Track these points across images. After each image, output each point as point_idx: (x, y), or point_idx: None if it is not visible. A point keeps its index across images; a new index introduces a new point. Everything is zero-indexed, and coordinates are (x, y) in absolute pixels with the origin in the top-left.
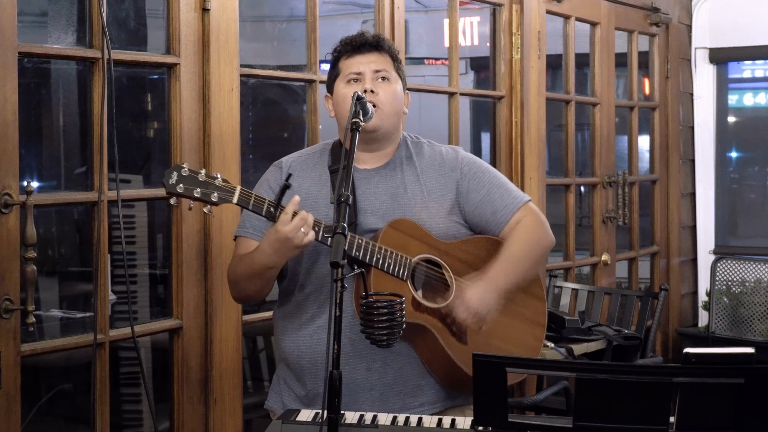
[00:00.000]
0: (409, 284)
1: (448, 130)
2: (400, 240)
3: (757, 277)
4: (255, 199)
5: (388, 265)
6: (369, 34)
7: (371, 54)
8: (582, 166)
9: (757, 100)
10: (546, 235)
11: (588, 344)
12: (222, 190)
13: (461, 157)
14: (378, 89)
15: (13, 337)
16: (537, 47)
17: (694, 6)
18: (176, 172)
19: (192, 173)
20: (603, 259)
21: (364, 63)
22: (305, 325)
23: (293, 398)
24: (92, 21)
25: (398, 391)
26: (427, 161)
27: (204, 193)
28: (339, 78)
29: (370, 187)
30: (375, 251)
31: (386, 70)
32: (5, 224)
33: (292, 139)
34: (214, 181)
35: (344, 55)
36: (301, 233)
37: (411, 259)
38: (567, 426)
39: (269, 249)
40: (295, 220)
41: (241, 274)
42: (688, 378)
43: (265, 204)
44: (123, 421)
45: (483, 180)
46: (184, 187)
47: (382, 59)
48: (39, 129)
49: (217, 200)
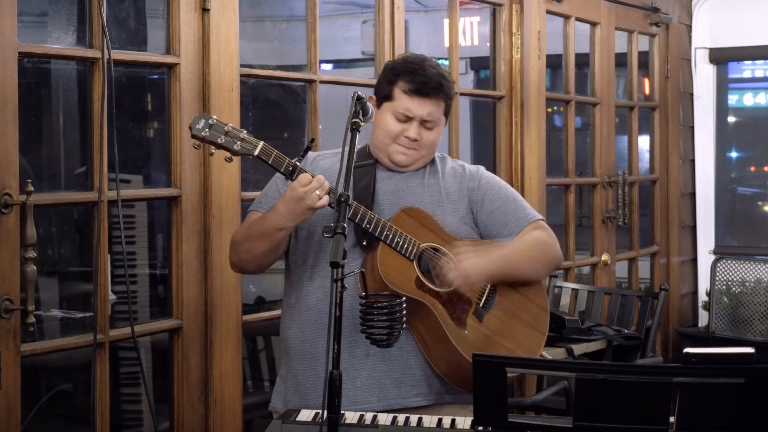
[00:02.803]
0: (415, 264)
1: (448, 130)
2: (412, 226)
3: (757, 277)
4: (276, 155)
5: (396, 243)
6: (434, 77)
7: (429, 100)
8: (581, 166)
9: (757, 100)
10: (554, 248)
11: (588, 344)
12: (245, 141)
13: (482, 172)
14: (422, 137)
15: (13, 337)
16: (537, 47)
17: (694, 6)
18: (204, 119)
19: (219, 123)
20: (603, 259)
21: (420, 108)
22: (308, 310)
23: (294, 392)
24: (92, 21)
25: (396, 378)
26: (449, 170)
27: (228, 141)
28: (389, 105)
29: (391, 184)
30: (386, 228)
31: (437, 117)
32: (5, 224)
33: (292, 139)
34: (240, 133)
35: (402, 87)
36: (315, 195)
37: (420, 244)
38: (567, 426)
39: (283, 208)
40: (313, 182)
41: (249, 235)
42: (688, 378)
43: (285, 161)
44: (123, 421)
45: (499, 193)
46: (209, 132)
47: (437, 106)
48: (39, 129)
49: (239, 149)
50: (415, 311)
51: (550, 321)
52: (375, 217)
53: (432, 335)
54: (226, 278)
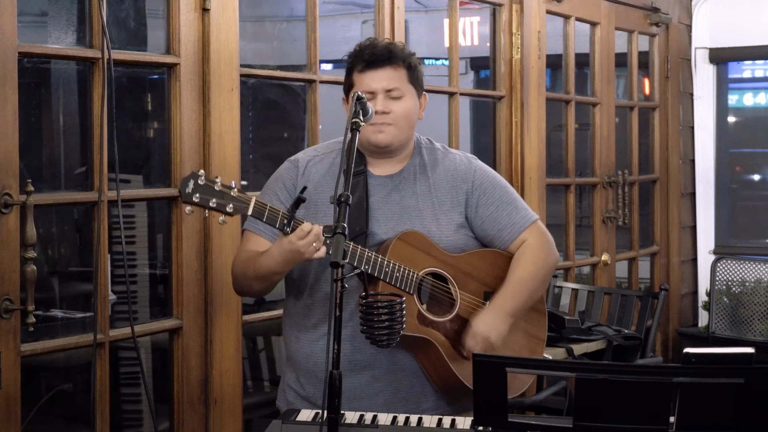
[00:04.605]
0: (416, 298)
1: (448, 130)
2: (408, 253)
3: (757, 277)
4: (269, 211)
5: (396, 278)
6: (380, 46)
7: (383, 70)
8: (581, 166)
9: (757, 100)
10: (551, 254)
11: (588, 344)
12: (237, 200)
13: (474, 167)
14: (390, 108)
15: (13, 337)
16: (537, 47)
17: (694, 6)
18: (192, 180)
19: (208, 183)
20: (603, 259)
21: (376, 80)
22: (312, 330)
23: (295, 396)
24: (92, 21)
25: (402, 397)
26: (440, 172)
27: (219, 204)
28: (352, 90)
29: (383, 196)
30: (384, 266)
31: (398, 87)
32: (5, 224)
33: (292, 139)
34: (230, 191)
35: (357, 68)
36: (312, 248)
37: (417, 274)
38: (567, 426)
39: (279, 257)
40: (309, 235)
41: (247, 274)
42: (688, 378)
43: (279, 216)
44: (123, 421)
45: (493, 195)
46: (200, 196)
47: (395, 74)
48: (39, 129)
49: (232, 211)
50: (417, 346)
51: (550, 321)
52: (372, 255)
53: (435, 367)
54: (226, 278)
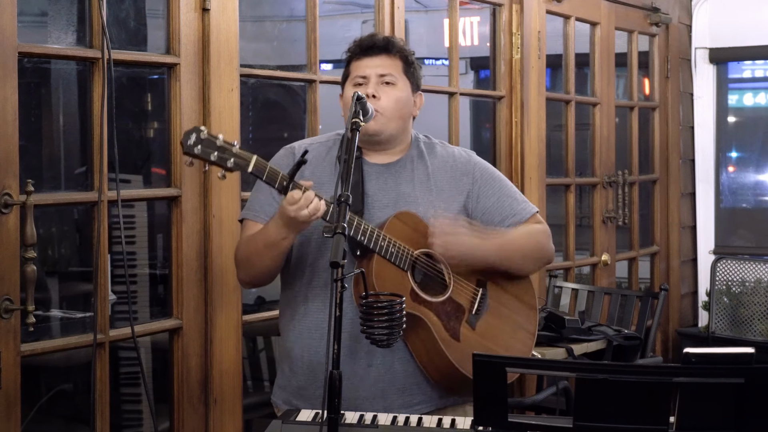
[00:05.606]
0: (409, 275)
1: (448, 130)
2: (404, 232)
3: (757, 277)
4: (270, 170)
5: (390, 253)
6: (380, 36)
7: (379, 57)
8: (581, 166)
9: (757, 100)
10: (548, 243)
11: (588, 344)
12: (238, 157)
13: (474, 161)
14: (380, 94)
15: (13, 337)
16: (537, 47)
17: (694, 6)
18: (195, 133)
19: (210, 137)
20: (603, 259)
21: (370, 66)
22: (307, 317)
23: (291, 392)
24: (92, 21)
25: (398, 387)
26: (439, 161)
27: (220, 158)
28: (348, 80)
29: (380, 182)
30: (379, 239)
31: (392, 74)
32: (5, 224)
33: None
34: (232, 147)
35: (354, 56)
36: (305, 213)
37: (413, 252)
38: (567, 426)
39: (281, 221)
40: (300, 200)
41: (254, 250)
42: (688, 378)
43: (279, 177)
44: (123, 421)
45: (494, 187)
46: (201, 149)
47: (390, 62)
48: (39, 129)
49: (232, 166)
50: (410, 326)
51: (550, 321)
52: (369, 228)
53: (426, 347)
54: (226, 278)
